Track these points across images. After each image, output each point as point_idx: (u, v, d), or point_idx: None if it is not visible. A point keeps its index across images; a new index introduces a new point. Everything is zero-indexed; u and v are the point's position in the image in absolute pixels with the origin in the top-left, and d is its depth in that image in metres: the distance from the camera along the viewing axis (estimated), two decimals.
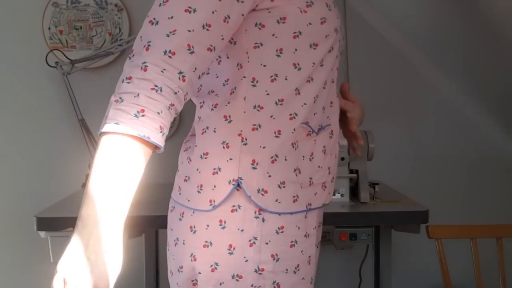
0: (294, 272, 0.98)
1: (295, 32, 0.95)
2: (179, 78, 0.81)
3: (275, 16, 0.94)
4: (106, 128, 0.77)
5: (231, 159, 0.95)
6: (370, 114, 2.28)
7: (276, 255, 0.95)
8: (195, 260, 0.96)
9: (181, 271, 0.99)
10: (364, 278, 2.23)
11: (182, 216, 0.99)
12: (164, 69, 0.80)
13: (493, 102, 2.33)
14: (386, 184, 2.08)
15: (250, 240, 0.94)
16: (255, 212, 0.94)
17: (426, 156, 2.34)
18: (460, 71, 2.32)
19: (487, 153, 2.34)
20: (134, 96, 0.78)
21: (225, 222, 0.94)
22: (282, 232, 0.96)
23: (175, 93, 0.81)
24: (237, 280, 0.94)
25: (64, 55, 2.16)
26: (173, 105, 0.81)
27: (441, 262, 1.73)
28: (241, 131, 0.95)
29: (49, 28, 2.22)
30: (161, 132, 0.80)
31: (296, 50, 0.96)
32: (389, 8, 2.30)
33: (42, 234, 1.56)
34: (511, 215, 2.29)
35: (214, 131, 0.97)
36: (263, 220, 0.94)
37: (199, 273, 0.96)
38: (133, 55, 0.83)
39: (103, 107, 0.83)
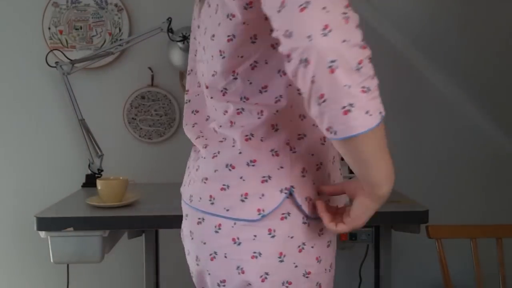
0: (330, 270, 1.00)
1: None
2: None
3: None
4: (376, 122, 0.76)
5: (281, 167, 0.93)
6: None
7: (319, 257, 0.96)
8: (243, 272, 0.93)
9: (223, 285, 0.96)
10: (364, 278, 2.23)
11: (220, 228, 0.93)
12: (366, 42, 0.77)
13: (493, 102, 2.33)
14: None
15: (299, 246, 0.94)
16: (302, 218, 0.93)
17: (426, 156, 2.34)
18: (460, 71, 2.32)
19: (487, 153, 2.34)
20: (371, 78, 0.77)
21: (274, 231, 0.92)
22: (322, 234, 0.97)
23: None
24: (287, 287, 0.94)
25: (64, 55, 2.16)
26: None
27: (441, 262, 1.73)
28: (289, 140, 0.94)
29: (49, 28, 2.22)
30: None
31: None
32: (389, 8, 2.30)
33: (42, 234, 1.56)
34: (511, 215, 2.29)
35: (262, 140, 0.94)
36: (309, 225, 0.94)
37: (249, 284, 0.94)
38: (332, 30, 0.72)
39: (103, 107, 0.83)
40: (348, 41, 0.73)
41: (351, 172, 1.74)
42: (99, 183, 1.71)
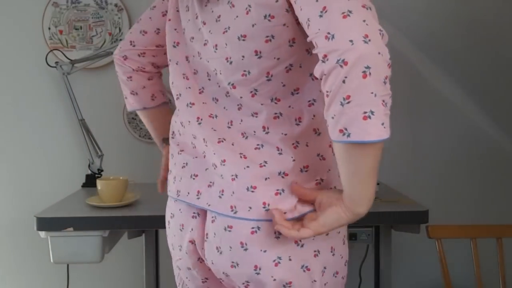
0: (345, 265, 1.08)
1: None
2: None
3: None
4: (387, 136, 0.79)
5: (329, 170, 0.99)
6: None
7: (348, 245, 1.07)
8: (308, 270, 0.97)
9: (289, 286, 0.98)
10: (364, 278, 2.23)
11: (280, 234, 0.94)
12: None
13: (493, 102, 2.33)
14: (386, 184, 2.08)
15: (342, 239, 1.03)
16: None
17: (426, 156, 2.34)
18: (460, 71, 2.32)
19: (487, 153, 2.34)
20: (389, 98, 0.80)
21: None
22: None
23: None
24: (335, 277, 1.02)
25: (64, 55, 2.17)
26: None
27: (441, 262, 1.73)
28: (330, 142, 0.97)
29: (49, 28, 2.22)
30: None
31: None
32: (389, 8, 2.30)
33: (42, 234, 1.56)
34: (511, 215, 2.30)
35: (307, 145, 0.97)
36: None
37: (314, 280, 0.98)
38: (371, 41, 0.78)
39: (103, 107, 0.83)
40: (382, 55, 0.78)
41: None
42: (99, 183, 1.71)
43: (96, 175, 2.12)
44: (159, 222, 1.62)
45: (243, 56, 0.94)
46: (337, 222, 0.88)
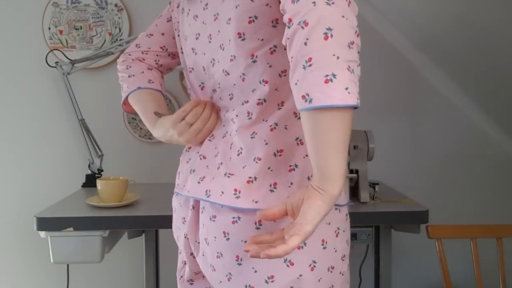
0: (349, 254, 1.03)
1: None
2: None
3: None
4: (352, 102, 0.75)
5: (307, 155, 0.93)
6: (370, 114, 2.30)
7: (348, 240, 1.00)
8: (292, 264, 0.92)
9: (272, 281, 0.93)
10: (364, 278, 2.23)
11: (261, 224, 0.92)
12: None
13: (493, 102, 2.33)
14: (386, 184, 2.08)
15: (335, 231, 0.96)
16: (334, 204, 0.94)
17: (426, 156, 2.34)
18: (460, 71, 2.32)
19: (487, 153, 2.35)
20: (357, 66, 0.77)
21: None
22: (347, 219, 1.01)
23: None
24: (331, 272, 0.95)
25: (64, 55, 2.17)
26: None
27: (441, 262, 1.73)
28: None
29: (49, 28, 2.22)
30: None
31: None
32: (389, 8, 2.30)
33: (42, 234, 1.56)
34: (511, 215, 2.30)
35: (286, 128, 0.94)
36: (339, 211, 0.97)
37: (300, 275, 0.92)
38: (335, 4, 0.76)
39: (103, 107, 0.84)
40: (347, 19, 0.75)
41: (351, 172, 1.74)
42: (99, 183, 1.71)
43: (96, 175, 2.12)
44: (159, 222, 1.62)
45: (229, 40, 0.94)
46: (318, 213, 0.79)
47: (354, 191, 1.76)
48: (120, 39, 2.21)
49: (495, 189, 2.35)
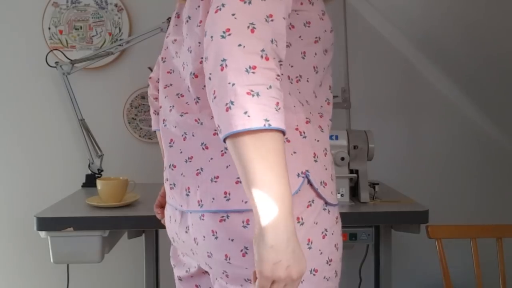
0: (341, 260, 1.02)
1: (316, 37, 0.99)
2: (279, 65, 0.81)
3: (302, 19, 0.97)
4: (256, 125, 0.75)
5: (294, 152, 0.93)
6: (370, 114, 2.30)
7: (337, 244, 0.98)
8: None
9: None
10: (364, 278, 2.23)
11: (248, 224, 0.91)
12: (274, 57, 0.79)
13: (493, 102, 2.33)
14: (386, 184, 2.08)
15: (322, 232, 0.95)
16: (323, 204, 0.95)
17: (426, 156, 2.34)
18: (460, 71, 2.32)
19: (487, 153, 2.34)
20: (267, 88, 0.77)
21: (302, 218, 0.92)
22: (337, 222, 1.00)
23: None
24: (314, 275, 0.93)
25: (64, 55, 2.17)
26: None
27: (441, 262, 1.73)
28: (297, 125, 0.95)
29: (49, 28, 2.22)
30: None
31: (315, 54, 0.99)
32: (389, 8, 2.30)
33: (42, 234, 1.56)
34: (511, 215, 2.29)
35: None
36: (329, 212, 0.96)
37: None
38: (231, 34, 0.77)
39: (103, 107, 0.84)
40: (244, 47, 0.76)
41: (351, 172, 1.74)
42: (99, 183, 1.71)
43: (96, 175, 2.12)
44: (159, 222, 1.61)
45: (199, 43, 0.96)
46: (258, 247, 0.77)
47: (354, 191, 1.76)
48: (120, 39, 2.21)
49: (495, 189, 2.35)
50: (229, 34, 0.77)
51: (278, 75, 0.78)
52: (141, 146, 2.28)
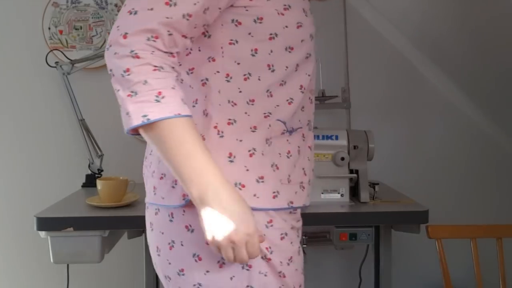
0: (288, 264, 0.99)
1: (271, 34, 0.96)
2: (169, 56, 0.89)
3: (252, 15, 0.95)
4: (136, 123, 0.85)
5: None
6: (370, 114, 2.30)
7: (270, 247, 0.96)
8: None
9: (183, 274, 0.97)
10: (364, 278, 2.23)
11: (173, 217, 0.96)
12: (153, 51, 0.86)
13: (493, 102, 2.33)
14: (386, 184, 2.08)
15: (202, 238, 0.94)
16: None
17: (426, 156, 2.34)
18: (460, 71, 2.32)
19: (487, 153, 2.34)
20: (143, 84, 0.85)
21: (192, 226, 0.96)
22: (271, 226, 0.97)
23: (173, 67, 0.89)
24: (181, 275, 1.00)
25: (64, 55, 2.17)
26: (178, 75, 0.90)
27: (441, 262, 1.73)
28: (217, 123, 0.95)
29: (49, 28, 2.22)
30: (184, 103, 0.87)
31: (271, 51, 0.97)
32: (389, 8, 2.30)
33: (42, 234, 1.56)
34: (511, 215, 2.29)
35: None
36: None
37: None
38: (111, 46, 0.88)
39: (103, 107, 0.85)
40: (118, 53, 0.87)
41: (351, 172, 1.74)
42: (99, 183, 1.71)
43: (96, 175, 2.12)
44: None
45: None
46: (203, 220, 0.88)
47: (354, 191, 1.76)
48: None
49: (495, 189, 2.35)
50: (110, 46, 0.88)
51: (156, 66, 0.86)
52: (141, 146, 2.26)
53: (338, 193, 1.72)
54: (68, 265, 2.14)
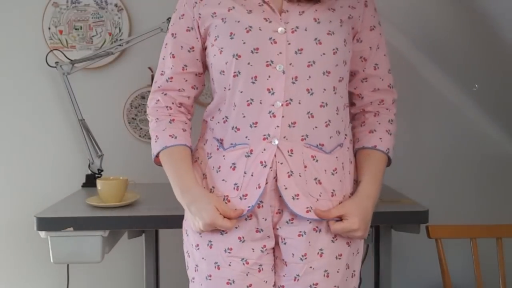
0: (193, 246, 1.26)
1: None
2: (167, 109, 1.24)
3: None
4: (153, 157, 1.30)
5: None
6: None
7: (186, 230, 1.26)
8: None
9: (187, 235, 1.27)
10: (364, 278, 2.23)
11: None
12: (157, 110, 1.25)
13: (493, 102, 2.33)
14: (386, 184, 2.08)
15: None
16: None
17: (426, 156, 2.34)
18: (460, 71, 2.32)
19: (487, 153, 2.34)
20: (151, 131, 1.27)
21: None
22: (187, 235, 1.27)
23: (169, 115, 1.24)
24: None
25: (64, 55, 2.16)
26: (173, 120, 1.23)
27: (441, 262, 1.73)
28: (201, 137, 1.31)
29: (49, 28, 2.22)
30: (172, 137, 1.22)
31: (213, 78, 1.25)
32: (389, 8, 2.30)
33: (42, 234, 1.56)
34: (511, 215, 2.29)
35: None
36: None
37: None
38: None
39: (103, 107, 0.84)
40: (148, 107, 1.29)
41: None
42: (99, 183, 1.71)
43: (96, 175, 2.12)
44: (159, 222, 1.62)
45: None
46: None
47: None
48: (120, 39, 2.21)
49: (495, 189, 2.35)
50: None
51: (158, 119, 1.24)
52: (141, 146, 2.28)
53: None
54: (68, 265, 2.15)
